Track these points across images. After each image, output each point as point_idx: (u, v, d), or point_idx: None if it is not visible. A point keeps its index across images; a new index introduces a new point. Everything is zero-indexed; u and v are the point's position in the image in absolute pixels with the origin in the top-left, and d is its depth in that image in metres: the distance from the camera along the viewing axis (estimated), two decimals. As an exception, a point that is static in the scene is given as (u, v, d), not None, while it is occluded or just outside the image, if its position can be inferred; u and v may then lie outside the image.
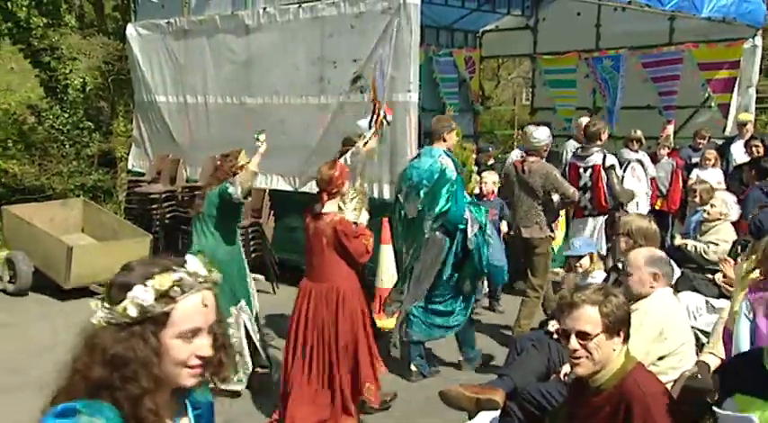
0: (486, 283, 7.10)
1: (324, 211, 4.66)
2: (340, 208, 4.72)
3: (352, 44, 7.42)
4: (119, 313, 1.54)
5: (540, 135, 6.39)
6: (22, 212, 8.47)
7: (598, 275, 5.02)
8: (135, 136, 10.63)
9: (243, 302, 5.26)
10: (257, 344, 5.34)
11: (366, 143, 5.31)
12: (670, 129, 10.24)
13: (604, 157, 6.78)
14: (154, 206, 8.65)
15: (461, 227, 5.42)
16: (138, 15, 10.28)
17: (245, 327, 5.25)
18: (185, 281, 1.57)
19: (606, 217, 6.72)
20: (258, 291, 7.84)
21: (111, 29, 14.63)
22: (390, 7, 7.05)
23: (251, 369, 5.27)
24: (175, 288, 1.55)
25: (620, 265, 4.57)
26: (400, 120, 7.04)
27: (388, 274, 6.65)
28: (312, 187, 7.49)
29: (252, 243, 7.90)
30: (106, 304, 1.56)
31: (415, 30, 6.98)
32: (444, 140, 5.59)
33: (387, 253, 6.73)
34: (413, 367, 5.59)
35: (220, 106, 9.04)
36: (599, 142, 6.86)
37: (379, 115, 5.47)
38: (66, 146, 12.62)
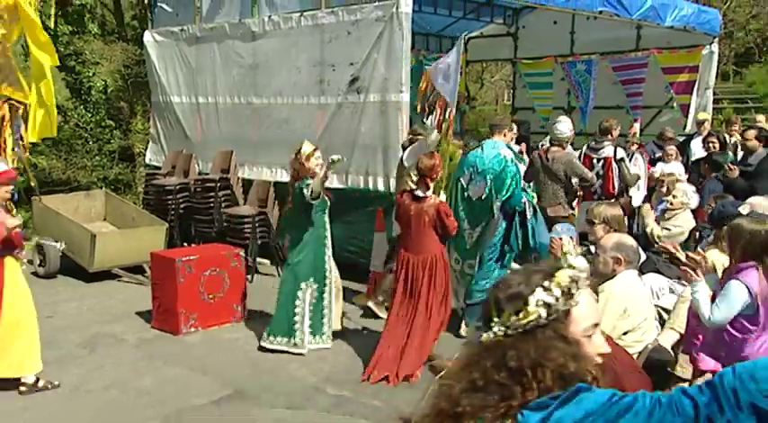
0: None
1: (427, 194, 4.95)
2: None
3: (350, 49, 7.39)
4: (523, 320, 1.34)
5: (563, 128, 6.60)
6: (50, 203, 8.44)
7: (573, 258, 5.06)
8: (152, 133, 10.58)
9: (312, 280, 5.44)
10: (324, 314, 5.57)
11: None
12: (636, 127, 10.27)
13: (615, 150, 7.05)
14: (169, 197, 8.62)
15: (519, 209, 5.60)
16: (154, 23, 10.21)
17: (309, 301, 5.49)
18: (578, 277, 1.40)
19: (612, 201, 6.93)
20: (264, 274, 7.89)
21: (130, 36, 14.52)
22: (384, 15, 7.03)
23: (306, 336, 5.47)
24: (573, 285, 1.39)
25: (592, 249, 4.59)
26: (393, 117, 7.05)
27: (379, 260, 6.64)
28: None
29: (258, 230, 7.88)
30: (496, 319, 1.37)
31: (406, 36, 6.95)
32: (505, 135, 5.81)
33: (380, 240, 6.71)
34: (469, 326, 5.66)
35: (229, 106, 9.00)
36: (610, 137, 7.15)
37: (447, 112, 5.75)
38: (90, 142, 12.58)
